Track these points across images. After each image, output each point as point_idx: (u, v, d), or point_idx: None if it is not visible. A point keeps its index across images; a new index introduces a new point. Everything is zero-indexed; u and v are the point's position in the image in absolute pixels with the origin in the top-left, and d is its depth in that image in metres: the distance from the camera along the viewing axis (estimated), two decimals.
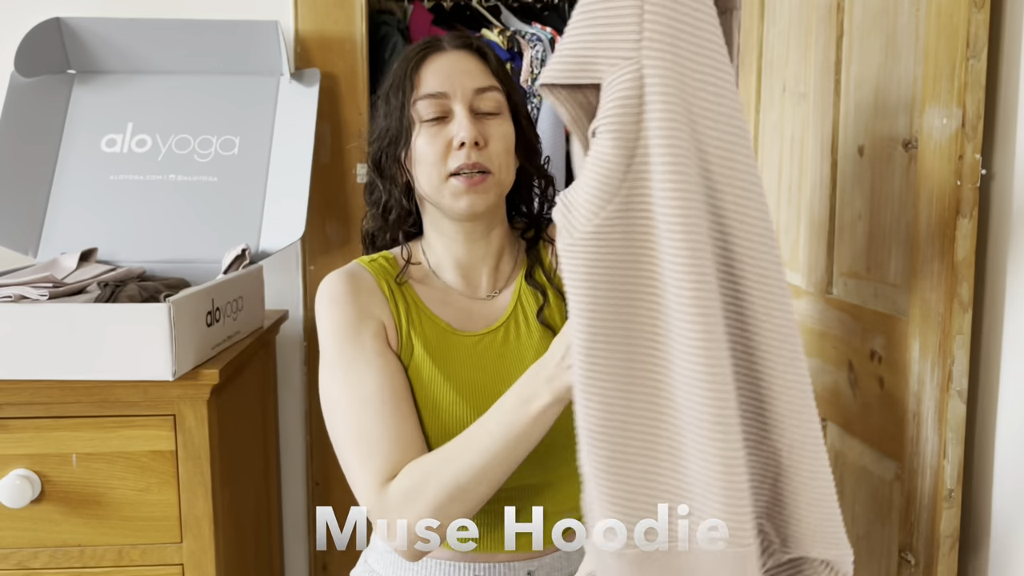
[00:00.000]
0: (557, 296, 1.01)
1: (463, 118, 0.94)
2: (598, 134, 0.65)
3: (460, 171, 0.94)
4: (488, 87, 0.97)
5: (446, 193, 0.95)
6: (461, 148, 0.93)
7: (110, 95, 1.60)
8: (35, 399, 1.13)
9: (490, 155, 0.95)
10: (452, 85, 0.95)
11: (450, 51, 0.98)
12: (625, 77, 0.64)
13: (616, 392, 0.66)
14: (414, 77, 0.97)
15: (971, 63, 0.95)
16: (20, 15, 1.60)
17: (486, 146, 0.95)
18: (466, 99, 0.95)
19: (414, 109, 0.96)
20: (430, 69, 0.97)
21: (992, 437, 0.99)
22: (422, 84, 0.96)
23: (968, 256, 0.97)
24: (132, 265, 1.45)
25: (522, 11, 1.95)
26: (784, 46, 1.44)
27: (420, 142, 0.96)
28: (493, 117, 0.97)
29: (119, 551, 1.17)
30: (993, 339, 1.00)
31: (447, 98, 0.95)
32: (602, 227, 0.65)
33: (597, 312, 0.65)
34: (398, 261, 1.02)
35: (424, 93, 0.96)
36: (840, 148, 1.24)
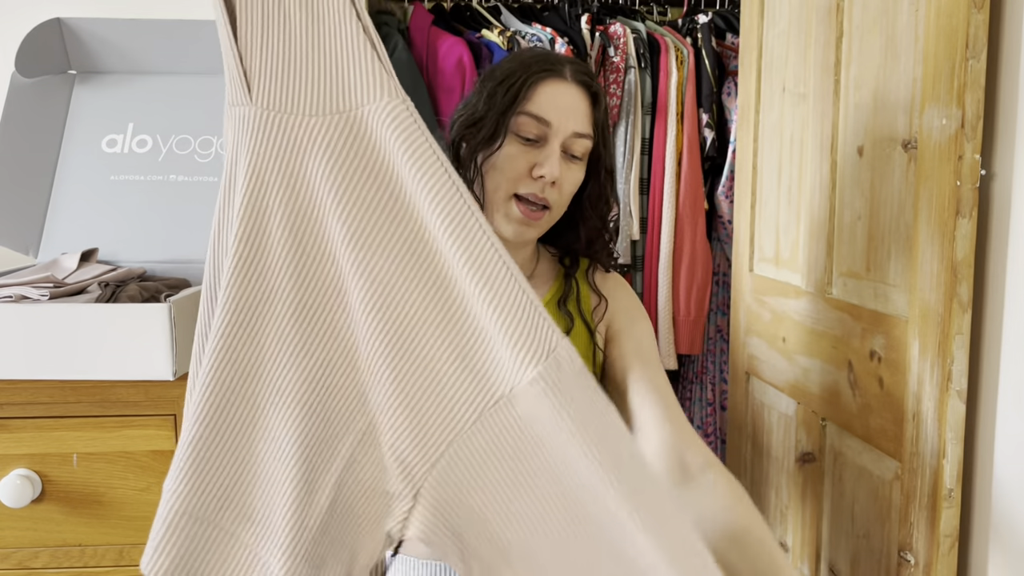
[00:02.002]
0: (584, 327, 1.05)
1: (555, 156, 0.98)
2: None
3: (527, 198, 0.98)
4: (585, 134, 1.01)
5: (503, 211, 0.99)
6: (539, 179, 0.98)
7: (111, 95, 1.60)
8: (36, 399, 1.13)
9: (557, 193, 1.00)
10: (559, 119, 0.98)
11: (571, 83, 1.01)
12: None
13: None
14: (530, 90, 0.99)
15: (971, 63, 0.95)
16: (21, 15, 1.60)
17: (558, 186, 0.99)
18: (563, 137, 0.99)
19: (515, 120, 0.99)
20: (547, 91, 0.99)
21: (992, 437, 0.99)
22: (533, 102, 0.98)
23: (968, 256, 0.97)
24: (133, 265, 1.45)
25: (522, 12, 1.95)
26: (784, 47, 1.44)
27: (506, 152, 0.99)
28: (575, 162, 1.01)
29: (120, 551, 1.17)
30: (992, 339, 1.00)
31: (548, 127, 0.98)
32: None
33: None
34: None
35: (532, 111, 0.98)
36: (840, 148, 1.24)
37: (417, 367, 0.66)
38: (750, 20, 1.59)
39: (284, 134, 0.67)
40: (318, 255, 0.67)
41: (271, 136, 0.67)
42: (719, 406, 1.95)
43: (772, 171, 1.49)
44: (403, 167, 0.65)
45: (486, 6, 1.95)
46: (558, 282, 1.09)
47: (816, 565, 1.32)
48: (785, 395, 1.42)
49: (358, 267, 0.66)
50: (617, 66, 1.82)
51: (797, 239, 1.38)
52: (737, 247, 1.65)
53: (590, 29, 1.83)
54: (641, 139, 1.85)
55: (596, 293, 1.08)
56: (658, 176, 1.86)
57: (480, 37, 1.83)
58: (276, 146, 0.67)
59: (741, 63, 1.62)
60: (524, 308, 0.64)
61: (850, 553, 1.22)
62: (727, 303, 1.91)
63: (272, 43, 0.68)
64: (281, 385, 0.67)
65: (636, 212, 1.85)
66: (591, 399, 0.65)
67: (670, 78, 1.84)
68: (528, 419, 0.65)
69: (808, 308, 1.33)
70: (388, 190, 0.66)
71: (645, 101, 1.85)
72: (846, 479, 1.22)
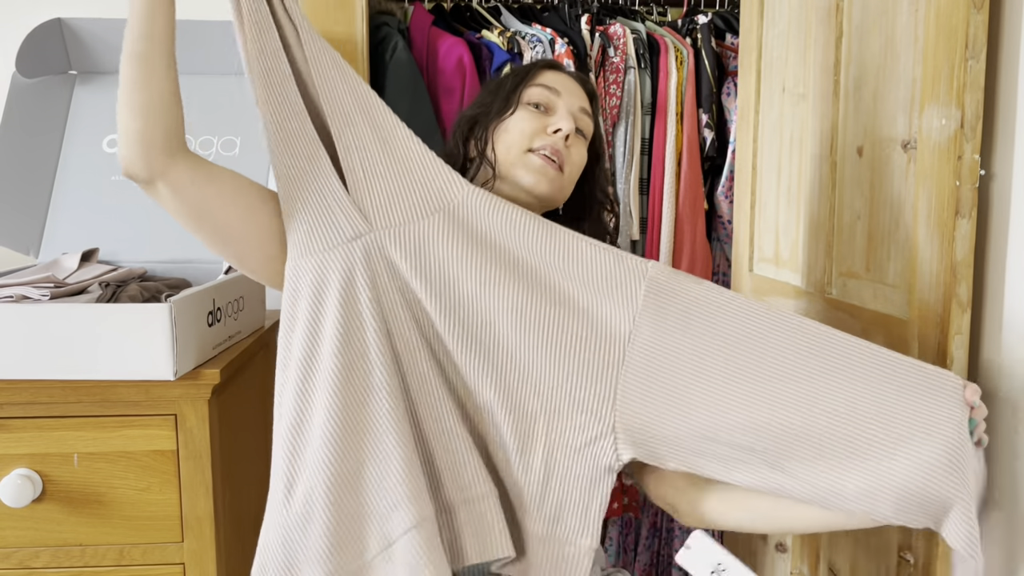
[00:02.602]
0: None
1: (568, 114, 1.03)
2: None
3: (542, 149, 1.01)
4: (588, 112, 1.08)
5: (521, 164, 1.02)
6: (555, 134, 1.01)
7: (112, 96, 1.58)
8: (36, 399, 1.13)
9: (570, 157, 1.04)
10: (566, 91, 1.06)
11: (572, 78, 1.09)
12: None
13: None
14: (536, 74, 1.07)
15: (970, 64, 0.95)
16: (21, 16, 1.60)
17: (570, 148, 1.03)
18: (573, 107, 1.05)
19: (525, 92, 1.04)
20: (551, 76, 1.07)
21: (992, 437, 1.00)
22: (540, 78, 1.06)
23: (967, 256, 0.97)
24: (133, 265, 1.45)
25: (522, 12, 1.95)
26: (783, 47, 1.44)
27: (516, 117, 1.03)
28: (581, 138, 1.06)
29: (120, 550, 1.17)
30: (992, 339, 1.00)
31: (558, 96, 1.05)
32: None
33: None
34: None
35: (541, 83, 1.05)
36: (839, 149, 1.25)
37: (566, 351, 0.91)
38: (750, 20, 1.59)
39: (410, 240, 0.92)
40: (467, 313, 0.92)
41: (401, 245, 0.92)
42: None
43: (772, 171, 1.49)
44: (501, 229, 0.94)
45: (486, 6, 1.95)
46: None
47: (815, 565, 1.32)
48: None
49: (507, 303, 0.92)
50: (617, 66, 1.82)
51: (797, 239, 1.38)
52: (737, 247, 1.65)
53: (590, 30, 1.84)
54: (641, 139, 1.85)
55: None
56: (658, 176, 1.86)
57: (480, 37, 1.83)
58: (407, 250, 0.92)
59: (741, 63, 1.63)
60: (612, 265, 0.93)
61: (850, 553, 1.22)
62: None
63: (370, 174, 0.93)
64: (483, 404, 0.93)
65: (636, 212, 1.85)
66: (698, 288, 0.92)
67: (670, 78, 1.84)
68: (652, 336, 0.91)
69: (808, 308, 1.33)
70: (499, 249, 0.93)
71: (645, 101, 1.85)
72: None
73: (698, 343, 0.90)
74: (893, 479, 0.82)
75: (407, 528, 0.88)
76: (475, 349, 0.92)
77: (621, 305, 0.91)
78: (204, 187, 0.93)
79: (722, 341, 0.89)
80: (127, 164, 0.91)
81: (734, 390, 0.88)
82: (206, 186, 0.93)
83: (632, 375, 0.91)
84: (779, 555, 1.46)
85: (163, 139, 0.90)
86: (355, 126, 0.94)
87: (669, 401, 0.89)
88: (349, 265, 0.91)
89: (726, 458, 0.89)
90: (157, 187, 0.92)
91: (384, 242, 0.92)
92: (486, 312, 0.92)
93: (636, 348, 0.91)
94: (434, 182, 0.95)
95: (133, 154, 0.90)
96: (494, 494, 0.91)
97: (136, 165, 0.91)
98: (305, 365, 0.93)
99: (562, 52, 1.76)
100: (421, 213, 0.93)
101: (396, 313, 0.92)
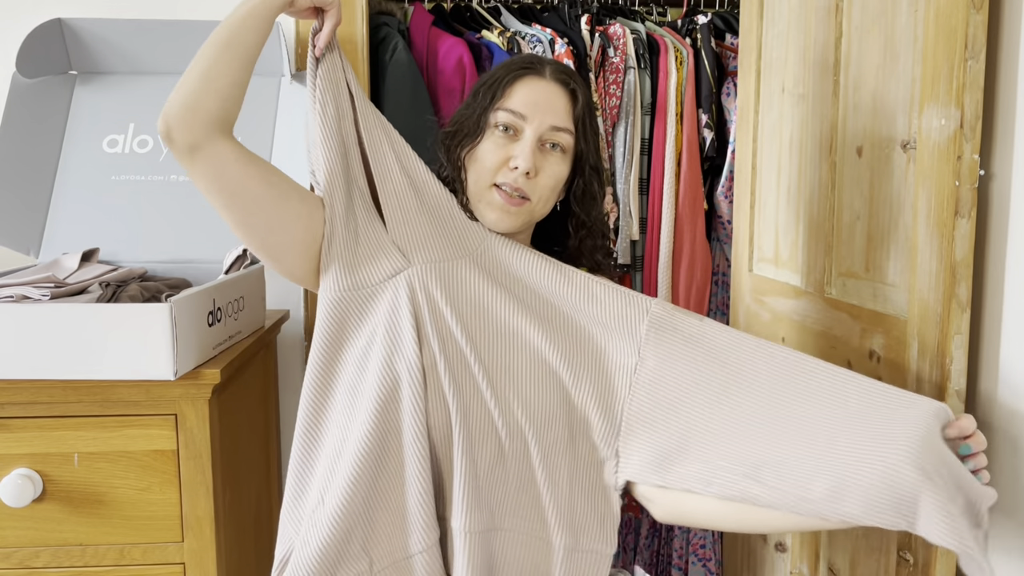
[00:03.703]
0: None
1: (527, 148, 1.02)
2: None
3: (503, 186, 1.02)
4: (563, 128, 1.05)
5: (485, 200, 1.04)
6: (514, 170, 1.02)
7: (112, 96, 1.60)
8: (37, 399, 1.13)
9: (535, 185, 1.03)
10: (533, 112, 1.03)
11: (549, 80, 1.06)
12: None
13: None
14: (507, 88, 1.05)
15: (970, 64, 0.95)
16: (22, 16, 1.61)
17: (536, 176, 1.03)
18: (539, 131, 1.03)
19: (494, 114, 1.04)
20: (523, 88, 1.05)
21: (991, 437, 1.00)
22: (509, 97, 1.04)
23: (967, 256, 0.97)
24: (134, 265, 1.45)
25: (522, 12, 1.96)
26: (783, 47, 1.44)
27: (486, 145, 1.04)
28: (555, 153, 1.05)
29: (120, 550, 1.18)
30: (992, 339, 1.00)
31: (524, 120, 1.03)
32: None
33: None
34: None
35: (507, 107, 1.04)
36: (839, 149, 1.25)
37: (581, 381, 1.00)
38: (749, 21, 1.59)
39: (446, 275, 1.01)
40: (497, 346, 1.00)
41: (439, 279, 1.01)
42: None
43: (771, 171, 1.50)
44: (521, 272, 1.04)
45: (486, 7, 1.95)
46: None
47: (815, 564, 1.32)
48: None
49: (538, 323, 1.01)
50: (617, 67, 1.82)
51: (796, 239, 1.38)
52: (736, 247, 1.65)
53: (590, 30, 1.84)
54: (640, 139, 1.85)
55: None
56: (657, 176, 1.86)
57: (480, 38, 1.83)
58: (441, 280, 1.01)
59: (740, 64, 1.63)
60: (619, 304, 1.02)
61: (849, 552, 1.22)
62: (727, 303, 1.91)
63: (408, 218, 1.02)
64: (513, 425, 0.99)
65: (636, 212, 1.85)
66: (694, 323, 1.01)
67: (669, 79, 1.84)
68: (656, 365, 0.99)
69: (807, 308, 1.33)
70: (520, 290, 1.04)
71: (644, 101, 1.85)
72: None
73: (696, 372, 0.98)
74: (858, 479, 0.84)
75: (419, 551, 0.95)
76: (504, 380, 0.99)
77: (627, 340, 1.00)
78: (247, 166, 0.95)
79: (718, 369, 0.97)
80: (170, 124, 0.92)
81: (727, 414, 0.95)
82: (248, 165, 0.96)
83: (637, 401, 0.99)
84: (779, 555, 1.46)
85: (217, 113, 0.93)
86: (393, 176, 1.03)
87: (668, 423, 0.98)
88: (394, 297, 0.99)
89: (709, 474, 0.94)
90: (197, 157, 0.94)
91: (425, 275, 1.00)
92: (513, 348, 1.00)
93: (641, 377, 1.00)
94: (458, 229, 1.04)
95: (180, 117, 0.92)
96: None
97: (180, 128, 0.92)
98: (352, 389, 0.98)
99: (562, 52, 1.77)
100: (451, 255, 1.02)
101: (431, 341, 0.98)
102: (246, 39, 0.94)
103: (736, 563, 1.67)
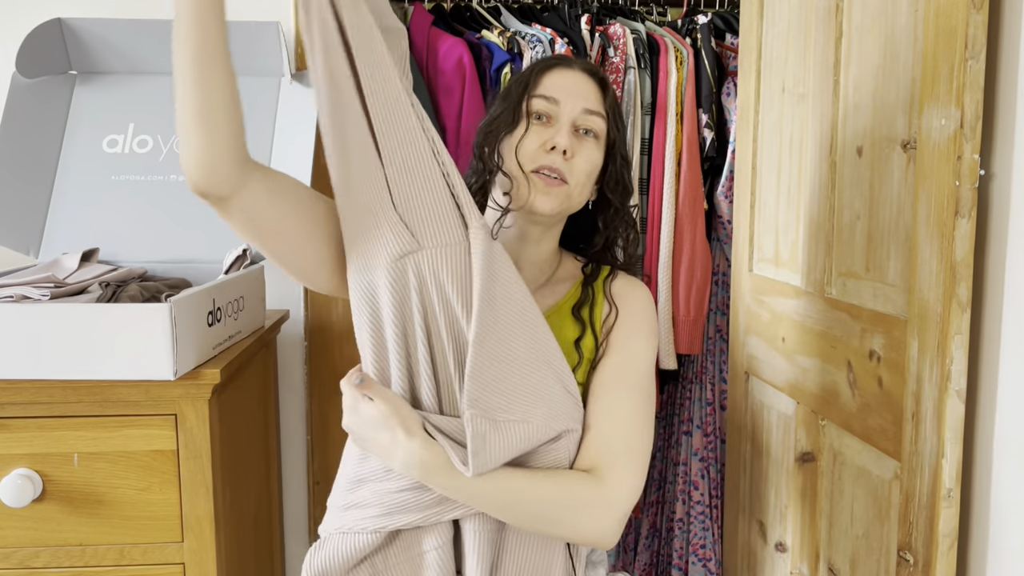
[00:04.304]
0: (592, 336, 1.07)
1: (564, 128, 1.04)
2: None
3: (542, 170, 1.02)
4: (596, 111, 1.06)
5: (525, 183, 1.03)
6: (552, 151, 1.03)
7: (111, 96, 1.60)
8: (37, 399, 1.13)
9: (572, 167, 1.04)
10: (566, 97, 1.05)
11: (577, 71, 1.09)
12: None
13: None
14: (538, 79, 1.07)
15: (970, 64, 0.95)
16: (21, 16, 1.61)
17: (572, 158, 1.04)
18: (573, 114, 1.05)
19: (529, 103, 1.05)
20: (553, 77, 1.07)
21: (991, 437, 1.00)
22: (541, 86, 1.06)
23: (967, 256, 0.97)
24: (133, 265, 1.45)
25: (522, 12, 1.96)
26: (783, 47, 1.44)
27: (520, 133, 1.05)
28: (589, 139, 1.06)
29: (120, 550, 1.18)
30: (992, 339, 1.00)
31: (558, 105, 1.05)
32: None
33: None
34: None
35: (540, 93, 1.06)
36: (839, 149, 1.25)
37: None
38: (749, 20, 1.59)
39: (449, 259, 0.94)
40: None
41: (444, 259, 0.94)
42: (719, 406, 1.96)
43: (771, 171, 1.50)
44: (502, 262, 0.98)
45: (486, 7, 1.95)
46: (576, 287, 1.11)
47: (815, 564, 1.32)
48: (784, 395, 1.42)
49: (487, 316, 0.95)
50: (617, 66, 1.82)
51: (796, 239, 1.38)
52: (736, 247, 1.65)
53: (590, 30, 1.84)
54: (641, 139, 1.85)
55: (609, 302, 1.09)
56: (657, 176, 1.86)
57: (480, 38, 1.83)
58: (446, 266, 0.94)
59: (740, 63, 1.63)
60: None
61: (849, 552, 1.22)
62: (727, 303, 1.91)
63: (413, 200, 0.94)
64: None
65: (636, 212, 1.85)
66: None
67: (669, 78, 1.84)
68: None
69: (807, 308, 1.33)
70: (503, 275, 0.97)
71: (644, 101, 1.85)
72: (845, 479, 1.22)
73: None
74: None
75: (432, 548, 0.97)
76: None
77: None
78: (278, 204, 0.91)
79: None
80: (197, 181, 0.86)
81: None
82: (280, 202, 0.91)
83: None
84: (779, 555, 1.46)
85: (229, 147, 0.86)
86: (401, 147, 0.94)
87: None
88: (403, 280, 0.94)
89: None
90: (231, 208, 0.89)
91: (435, 260, 0.93)
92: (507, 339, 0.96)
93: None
94: (452, 213, 0.96)
95: (203, 169, 0.85)
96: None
97: (208, 181, 0.86)
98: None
99: (562, 52, 1.77)
100: (445, 239, 0.95)
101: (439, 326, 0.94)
102: (211, 34, 0.86)
103: (736, 563, 1.67)
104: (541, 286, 1.10)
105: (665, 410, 2.02)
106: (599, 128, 1.07)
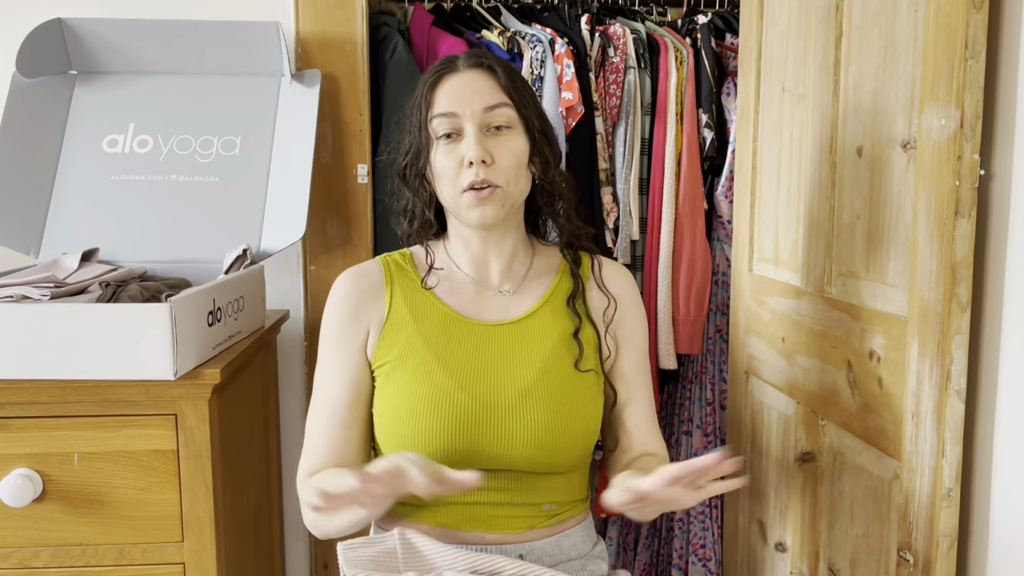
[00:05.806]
0: (592, 328, 1.10)
1: (471, 137, 1.02)
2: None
3: (471, 187, 1.02)
4: (497, 104, 1.03)
5: (462, 206, 1.04)
6: (471, 166, 1.01)
7: (112, 96, 1.60)
8: (37, 399, 1.13)
9: (498, 170, 1.03)
10: (462, 105, 1.03)
11: (463, 71, 1.06)
12: None
13: None
14: (430, 97, 1.05)
15: (970, 64, 0.95)
16: (21, 16, 1.61)
17: (494, 162, 1.02)
18: (476, 118, 1.03)
19: (430, 127, 1.04)
20: (443, 89, 1.05)
21: (991, 436, 1.00)
22: (436, 103, 1.04)
23: (967, 256, 0.97)
24: (134, 265, 1.45)
25: (521, 12, 1.96)
26: (783, 47, 1.44)
27: (438, 158, 1.04)
28: (504, 132, 1.04)
29: (120, 550, 1.17)
30: (992, 339, 1.00)
31: (458, 117, 1.03)
32: None
33: None
34: (414, 258, 1.14)
35: (437, 112, 1.04)
36: (839, 149, 1.25)
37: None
38: (749, 20, 1.59)
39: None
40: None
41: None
42: (719, 406, 1.96)
43: (771, 171, 1.50)
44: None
45: (486, 7, 1.95)
46: (560, 277, 1.12)
47: (815, 564, 1.32)
48: (784, 395, 1.42)
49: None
50: (617, 66, 1.82)
51: (796, 239, 1.38)
52: (736, 247, 1.65)
53: (590, 29, 1.84)
54: (641, 139, 1.85)
55: (606, 295, 1.12)
56: (657, 176, 1.86)
57: (480, 38, 1.83)
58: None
59: (740, 63, 1.63)
60: None
61: (849, 552, 1.22)
62: (727, 303, 1.91)
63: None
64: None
65: (636, 212, 1.85)
66: None
67: (669, 78, 1.84)
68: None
69: (807, 308, 1.33)
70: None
71: (645, 101, 1.85)
72: (845, 479, 1.22)
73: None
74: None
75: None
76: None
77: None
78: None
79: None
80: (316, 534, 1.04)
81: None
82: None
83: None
84: (779, 555, 1.46)
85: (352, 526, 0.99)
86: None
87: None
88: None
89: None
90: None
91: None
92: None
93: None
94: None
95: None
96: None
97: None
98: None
99: (562, 52, 1.76)
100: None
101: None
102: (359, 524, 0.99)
103: (736, 563, 1.67)
104: (524, 279, 1.11)
105: (665, 410, 2.02)
106: (507, 117, 1.04)
